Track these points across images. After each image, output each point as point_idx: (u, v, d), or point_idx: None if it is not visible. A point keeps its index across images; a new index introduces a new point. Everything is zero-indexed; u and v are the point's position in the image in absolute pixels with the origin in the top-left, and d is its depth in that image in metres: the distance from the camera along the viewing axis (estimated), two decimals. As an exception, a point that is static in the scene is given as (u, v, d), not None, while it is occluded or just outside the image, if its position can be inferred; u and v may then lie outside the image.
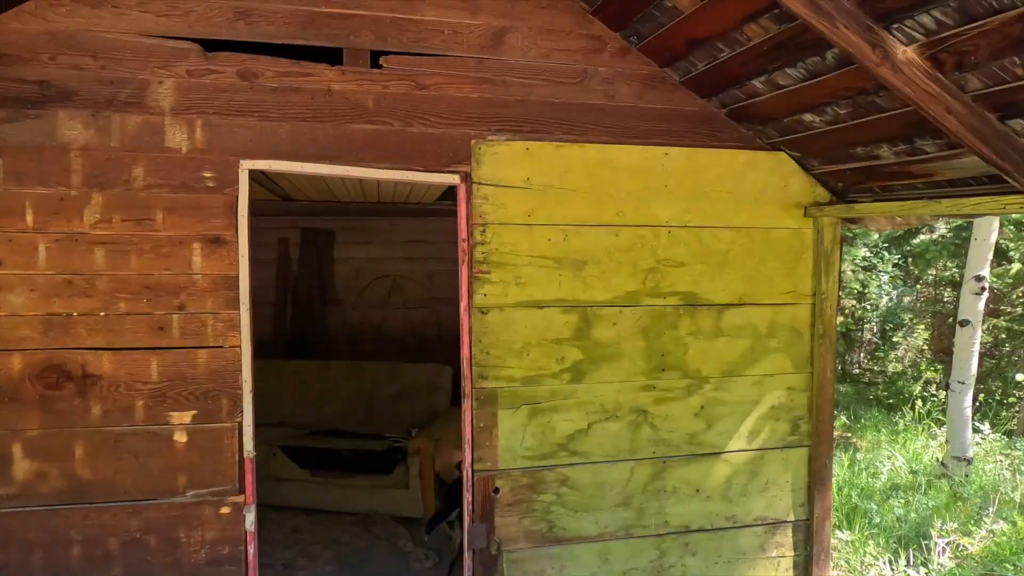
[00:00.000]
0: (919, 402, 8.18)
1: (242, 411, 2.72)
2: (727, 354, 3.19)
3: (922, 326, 11.50)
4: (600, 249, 3.02)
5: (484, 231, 2.91)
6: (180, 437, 2.67)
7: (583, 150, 2.99)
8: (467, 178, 2.90)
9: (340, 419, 5.52)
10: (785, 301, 3.24)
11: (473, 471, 2.95)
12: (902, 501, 5.13)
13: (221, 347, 2.69)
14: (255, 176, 3.54)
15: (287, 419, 5.57)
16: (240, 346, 2.71)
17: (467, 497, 2.97)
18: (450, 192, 4.77)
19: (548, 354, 2.99)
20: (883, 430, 7.76)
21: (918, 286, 11.86)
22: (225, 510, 2.71)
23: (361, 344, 7.43)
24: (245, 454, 2.73)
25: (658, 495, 3.14)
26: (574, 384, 3.03)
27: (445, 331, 7.58)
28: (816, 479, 3.29)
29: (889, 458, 6.67)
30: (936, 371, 9.62)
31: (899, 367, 11.04)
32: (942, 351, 10.45)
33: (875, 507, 5.13)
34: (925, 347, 11.36)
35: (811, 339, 3.27)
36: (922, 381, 9.46)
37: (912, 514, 4.99)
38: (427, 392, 5.48)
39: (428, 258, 7.55)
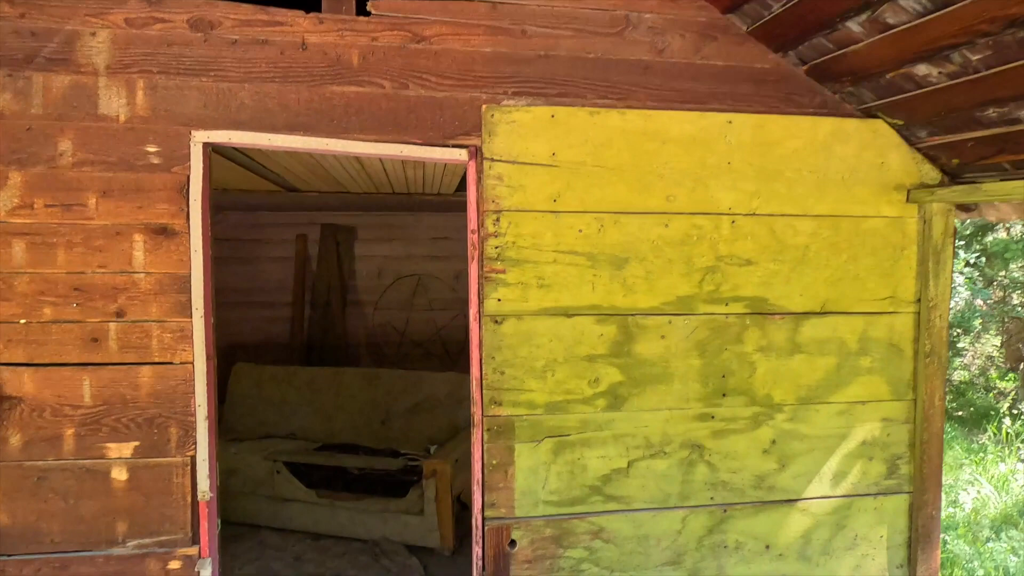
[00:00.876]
0: (1007, 420, 7.25)
1: (195, 443, 2.19)
2: (805, 376, 2.52)
3: (992, 331, 10.47)
4: (645, 243, 2.40)
5: (498, 220, 2.32)
6: (119, 474, 2.15)
7: (623, 118, 2.37)
8: (477, 153, 2.32)
9: (353, 432, 5.01)
10: (881, 310, 2.56)
11: (484, 519, 2.36)
12: (1006, 546, 4.34)
13: (169, 363, 2.17)
14: (229, 154, 3.03)
15: (297, 431, 5.09)
16: (193, 362, 2.18)
17: (476, 551, 2.38)
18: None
19: (578, 374, 2.39)
20: (956, 446, 6.89)
21: (989, 288, 10.82)
22: (174, 565, 2.18)
23: (382, 349, 6.95)
24: (199, 496, 2.20)
25: (717, 552, 2.50)
26: (611, 412, 2.41)
27: (473, 335, 7.08)
28: (920, 534, 2.60)
29: (972, 483, 5.84)
30: (1009, 380, 8.66)
31: (966, 375, 10.06)
32: (1018, 359, 9.47)
33: (967, 548, 4.36)
34: (996, 354, 10.33)
35: (914, 357, 2.58)
36: (995, 392, 8.51)
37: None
38: (448, 404, 4.92)
39: (455, 256, 7.01)
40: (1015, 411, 7.80)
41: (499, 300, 2.34)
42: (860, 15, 2.06)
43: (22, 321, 2.09)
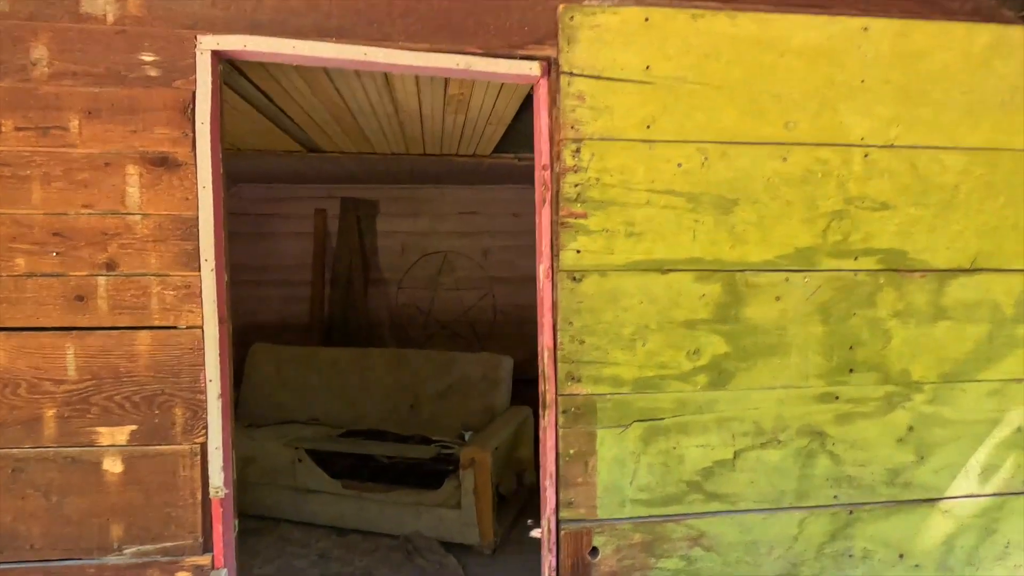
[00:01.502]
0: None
1: (206, 427, 1.76)
2: (951, 347, 2.05)
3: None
4: (758, 181, 1.93)
5: (578, 151, 1.86)
6: (112, 465, 1.73)
7: (733, 23, 1.90)
8: (552, 66, 1.85)
9: (380, 418, 4.59)
10: (1044, 266, 2.08)
11: (558, 521, 1.92)
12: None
13: (173, 327, 1.74)
14: (243, 91, 2.59)
15: (320, 417, 4.68)
16: (202, 326, 1.75)
17: (548, 561, 1.95)
18: (512, 135, 3.73)
19: (674, 344, 1.93)
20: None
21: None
22: (182, 576, 1.77)
23: (407, 330, 6.53)
24: (212, 492, 1.77)
25: (840, 562, 2.05)
26: (714, 391, 1.96)
27: (502, 316, 6.60)
28: (1085, 542, 2.14)
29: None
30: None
31: None
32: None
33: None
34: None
35: (1083, 325, 2.10)
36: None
37: None
38: (483, 388, 4.49)
39: (482, 232, 6.56)
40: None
41: (578, 252, 1.89)
42: None
43: (-11, 274, 1.67)
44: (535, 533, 3.68)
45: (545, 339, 1.95)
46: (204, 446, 1.77)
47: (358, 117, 3.05)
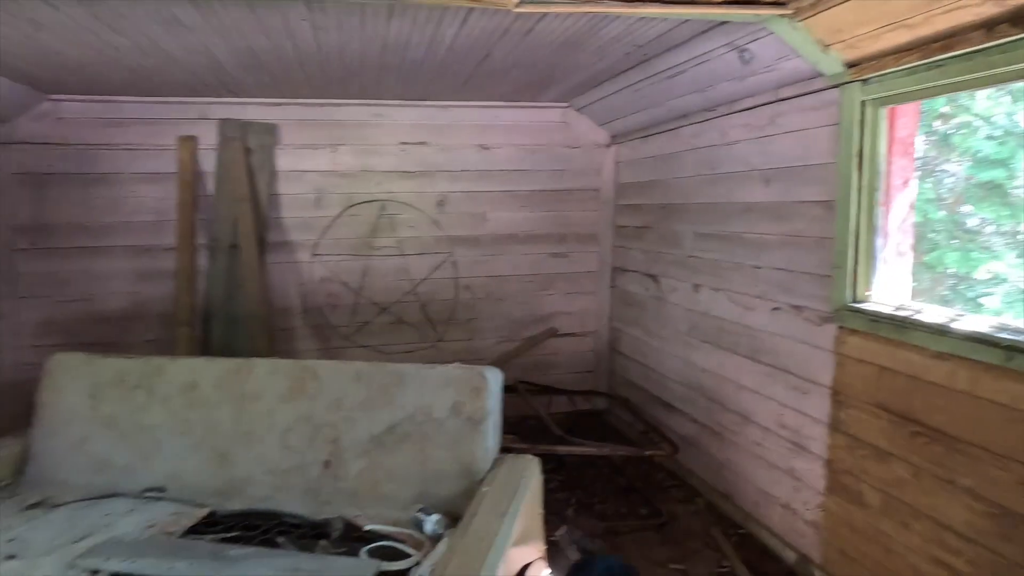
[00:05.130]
0: None
1: None
2: None
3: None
4: None
5: None
6: None
7: None
8: None
9: (272, 486, 2.59)
10: None
11: None
12: None
13: None
14: None
15: (167, 484, 2.65)
16: None
17: None
18: None
19: None
20: None
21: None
22: None
23: (327, 316, 4.50)
24: None
25: None
26: None
27: (467, 293, 4.63)
28: None
29: None
30: None
31: None
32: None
33: None
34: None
35: None
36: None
37: None
38: (455, 427, 2.56)
39: (438, 171, 4.56)
40: None
41: None
42: None
43: None
44: None
45: None
46: None
47: None
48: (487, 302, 4.69)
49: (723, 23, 2.56)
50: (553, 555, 2.82)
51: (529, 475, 2.44)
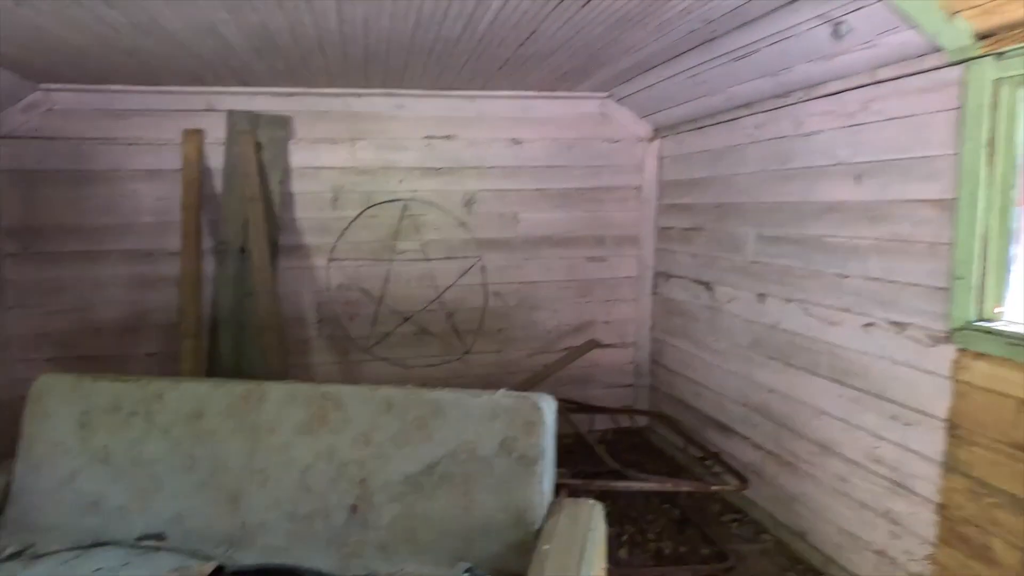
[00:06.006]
0: None
1: None
2: None
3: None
4: None
5: None
6: None
7: None
8: None
9: (289, 535, 2.22)
10: None
11: None
12: None
13: None
14: None
15: (166, 531, 2.28)
16: None
17: None
18: None
19: None
20: None
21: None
22: None
23: (345, 326, 4.12)
24: None
25: None
26: None
27: (499, 301, 4.23)
28: None
29: None
30: None
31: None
32: None
33: None
34: None
35: None
36: None
37: None
38: (505, 466, 2.16)
39: (465, 168, 4.18)
40: None
41: None
42: None
43: None
44: None
45: None
46: None
47: None
48: (519, 310, 4.30)
49: (822, -11, 2.16)
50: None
51: (595, 527, 2.04)
